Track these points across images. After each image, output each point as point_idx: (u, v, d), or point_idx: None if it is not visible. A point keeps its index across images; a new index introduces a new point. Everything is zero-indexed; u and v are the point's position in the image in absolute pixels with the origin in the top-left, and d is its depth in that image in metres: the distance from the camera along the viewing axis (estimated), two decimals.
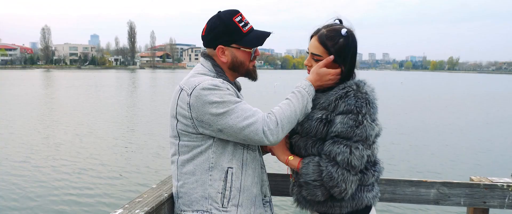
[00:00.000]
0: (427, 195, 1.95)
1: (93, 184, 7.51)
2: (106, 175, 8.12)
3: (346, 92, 1.48)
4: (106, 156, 9.76)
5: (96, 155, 9.82)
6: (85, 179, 7.87)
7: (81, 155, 9.78)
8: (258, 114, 1.46)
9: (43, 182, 7.60)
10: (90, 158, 9.49)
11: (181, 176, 1.57)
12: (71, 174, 8.17)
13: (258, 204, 1.62)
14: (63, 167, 8.71)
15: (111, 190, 7.26)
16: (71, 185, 7.48)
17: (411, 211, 6.40)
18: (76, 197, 6.86)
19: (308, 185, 1.51)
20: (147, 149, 10.66)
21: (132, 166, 8.88)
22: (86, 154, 9.87)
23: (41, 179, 7.77)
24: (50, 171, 8.36)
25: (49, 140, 11.73)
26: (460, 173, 8.69)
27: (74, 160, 9.28)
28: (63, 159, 9.37)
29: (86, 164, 8.98)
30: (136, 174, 8.24)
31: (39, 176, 7.97)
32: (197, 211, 1.53)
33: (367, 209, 1.57)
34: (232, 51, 1.60)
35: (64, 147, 10.72)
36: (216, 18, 1.58)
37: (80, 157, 9.63)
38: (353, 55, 1.56)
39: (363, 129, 1.42)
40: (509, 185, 1.90)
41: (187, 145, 1.54)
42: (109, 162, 9.23)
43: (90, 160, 9.30)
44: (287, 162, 1.62)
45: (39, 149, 10.43)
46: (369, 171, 1.54)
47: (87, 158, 9.49)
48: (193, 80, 1.52)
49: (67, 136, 12.31)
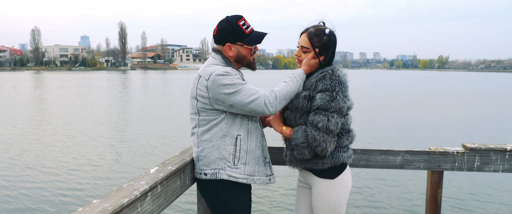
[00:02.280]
0: (394, 161, 2.43)
1: (79, 183, 7.58)
2: (92, 175, 8.15)
3: (324, 75, 1.95)
4: (94, 155, 9.89)
5: (84, 154, 9.93)
6: (71, 177, 7.93)
7: (68, 154, 9.90)
8: (260, 92, 1.93)
9: (31, 182, 7.66)
10: (77, 157, 9.60)
11: (200, 143, 2.03)
12: (58, 174, 8.23)
13: (260, 163, 2.08)
14: (51, 166, 8.80)
15: (98, 188, 7.43)
16: (58, 183, 7.54)
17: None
18: (62, 196, 6.97)
19: (297, 147, 1.97)
20: (136, 148, 10.83)
21: (121, 164, 9.06)
22: (73, 153, 9.98)
23: (29, 180, 7.81)
24: (38, 171, 8.42)
25: (38, 140, 11.81)
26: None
27: (62, 159, 9.40)
28: (51, 159, 9.46)
29: (73, 163, 9.08)
30: (123, 173, 8.42)
31: (27, 176, 8.02)
32: (214, 169, 1.99)
33: (343, 166, 2.04)
34: (237, 47, 2.06)
35: (53, 147, 10.84)
36: (225, 21, 2.04)
37: (68, 156, 9.75)
38: (333, 49, 2.04)
39: (337, 103, 1.89)
40: (458, 152, 2.39)
41: (205, 119, 2.00)
42: (96, 160, 9.33)
43: (77, 159, 9.42)
44: (282, 131, 2.09)
45: (28, 149, 10.54)
46: (344, 136, 2.02)
47: (75, 158, 9.59)
48: (209, 69, 1.98)
49: (55, 136, 12.40)
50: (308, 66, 2.04)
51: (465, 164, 2.38)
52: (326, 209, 2.04)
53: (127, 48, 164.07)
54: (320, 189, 2.04)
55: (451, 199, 6.91)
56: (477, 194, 7.43)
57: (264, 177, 2.09)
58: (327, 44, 2.01)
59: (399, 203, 6.89)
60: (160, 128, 14.24)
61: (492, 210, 6.66)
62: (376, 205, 6.74)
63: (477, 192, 7.55)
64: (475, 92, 35.43)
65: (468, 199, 7.17)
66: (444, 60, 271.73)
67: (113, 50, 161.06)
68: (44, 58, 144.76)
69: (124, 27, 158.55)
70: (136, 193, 1.50)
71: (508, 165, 2.36)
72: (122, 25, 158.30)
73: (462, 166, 2.38)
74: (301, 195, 2.25)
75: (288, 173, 7.57)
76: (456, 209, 6.53)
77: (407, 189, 7.52)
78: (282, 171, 7.77)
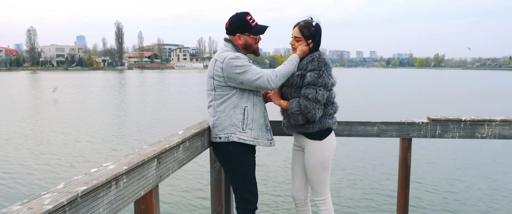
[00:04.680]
0: (371, 131, 2.98)
1: None
2: None
3: (312, 58, 2.49)
4: (87, 153, 10.19)
5: (78, 152, 10.23)
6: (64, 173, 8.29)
7: (62, 152, 10.19)
8: (264, 71, 2.46)
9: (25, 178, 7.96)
10: (72, 155, 9.90)
11: (216, 113, 2.56)
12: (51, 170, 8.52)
13: (263, 129, 2.62)
14: (47, 162, 9.10)
15: None
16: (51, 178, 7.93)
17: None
18: None
19: (293, 115, 2.51)
20: (132, 143, 11.26)
21: None
22: (68, 151, 10.28)
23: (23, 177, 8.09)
24: (32, 168, 8.68)
25: (34, 138, 12.12)
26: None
27: (55, 157, 9.68)
28: (46, 157, 9.74)
29: (68, 159, 9.41)
30: None
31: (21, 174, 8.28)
32: (227, 133, 2.53)
33: (328, 130, 2.58)
34: (245, 37, 2.60)
35: (48, 144, 11.14)
36: (235, 16, 2.58)
37: (61, 153, 10.06)
38: (319, 37, 2.58)
39: (323, 79, 2.43)
40: (423, 123, 2.93)
41: (220, 94, 2.53)
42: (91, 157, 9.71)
43: (72, 156, 9.74)
44: (280, 104, 2.63)
45: (23, 147, 10.84)
46: (329, 106, 2.56)
47: (69, 155, 9.87)
48: (223, 54, 2.51)
49: (50, 134, 12.70)
50: (301, 52, 2.58)
51: (429, 132, 2.93)
52: (316, 164, 2.58)
53: (124, 47, 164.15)
54: (311, 148, 2.58)
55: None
56: (440, 157, 9.58)
57: (266, 140, 2.62)
58: (314, 34, 2.55)
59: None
60: (160, 127, 14.73)
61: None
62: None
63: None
64: (468, 91, 36.28)
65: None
66: (440, 59, 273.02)
67: (109, 50, 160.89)
68: (40, 58, 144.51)
69: (121, 26, 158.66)
70: (173, 143, 2.04)
71: (463, 132, 2.91)
72: (119, 24, 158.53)
73: (427, 133, 2.93)
74: (296, 156, 2.79)
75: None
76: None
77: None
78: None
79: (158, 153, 1.83)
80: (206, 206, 6.23)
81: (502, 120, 2.86)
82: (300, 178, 2.79)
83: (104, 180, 1.36)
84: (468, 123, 2.89)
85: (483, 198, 6.78)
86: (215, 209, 3.07)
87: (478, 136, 2.90)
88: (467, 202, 6.59)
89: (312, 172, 2.61)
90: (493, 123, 2.87)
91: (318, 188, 2.64)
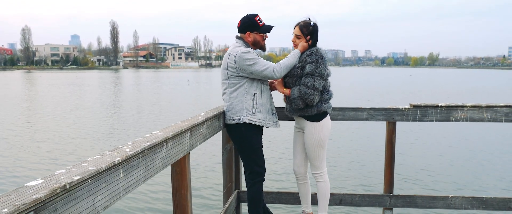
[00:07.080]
0: (361, 115, 3.46)
1: None
2: None
3: (311, 53, 2.97)
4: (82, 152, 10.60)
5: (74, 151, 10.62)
6: None
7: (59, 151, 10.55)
8: (270, 63, 2.94)
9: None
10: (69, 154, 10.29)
11: (229, 99, 3.03)
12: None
13: (270, 113, 3.10)
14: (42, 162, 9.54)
15: None
16: None
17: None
18: None
19: (294, 100, 2.98)
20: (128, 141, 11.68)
21: None
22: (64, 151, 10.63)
23: None
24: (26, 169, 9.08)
25: (30, 137, 12.50)
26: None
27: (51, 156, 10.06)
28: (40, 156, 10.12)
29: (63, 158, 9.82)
30: None
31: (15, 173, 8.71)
32: (239, 116, 3.00)
33: (324, 113, 3.06)
34: (254, 35, 3.07)
35: (43, 143, 11.52)
36: (246, 18, 3.05)
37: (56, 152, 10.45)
38: (316, 35, 3.05)
39: (320, 70, 2.90)
40: (406, 108, 3.42)
41: (233, 82, 3.00)
42: None
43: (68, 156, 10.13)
44: (283, 91, 3.10)
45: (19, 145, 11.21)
46: (325, 93, 3.03)
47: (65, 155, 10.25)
48: (235, 49, 2.99)
49: (47, 134, 13.05)
50: (301, 47, 3.05)
51: (411, 116, 3.42)
52: (314, 143, 3.06)
53: (119, 47, 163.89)
54: (310, 129, 3.06)
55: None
56: (420, 139, 11.89)
57: (272, 122, 3.11)
58: (312, 31, 3.03)
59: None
60: (158, 125, 15.14)
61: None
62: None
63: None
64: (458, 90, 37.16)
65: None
66: (434, 58, 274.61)
67: (104, 49, 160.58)
68: (35, 58, 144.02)
69: (115, 26, 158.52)
70: (200, 120, 2.51)
71: (440, 116, 3.40)
72: (113, 24, 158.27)
73: (409, 117, 3.42)
74: (297, 137, 3.27)
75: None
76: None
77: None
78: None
79: (190, 126, 2.31)
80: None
81: (472, 106, 3.36)
82: (301, 155, 3.27)
83: (159, 140, 1.83)
84: (444, 108, 3.38)
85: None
86: (226, 184, 3.55)
87: (453, 119, 3.39)
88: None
89: (311, 149, 3.09)
90: (465, 108, 3.36)
91: (316, 163, 3.13)
